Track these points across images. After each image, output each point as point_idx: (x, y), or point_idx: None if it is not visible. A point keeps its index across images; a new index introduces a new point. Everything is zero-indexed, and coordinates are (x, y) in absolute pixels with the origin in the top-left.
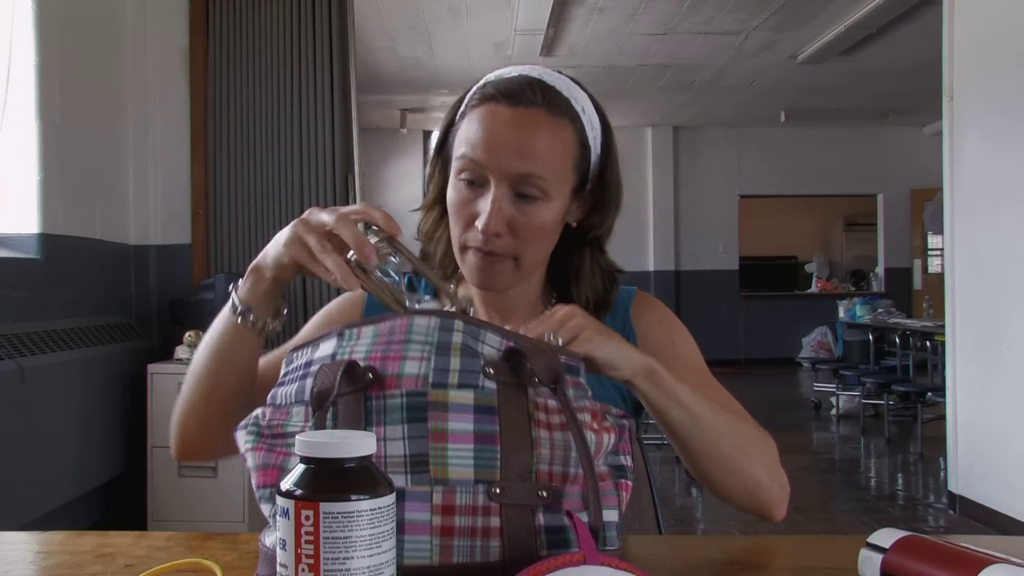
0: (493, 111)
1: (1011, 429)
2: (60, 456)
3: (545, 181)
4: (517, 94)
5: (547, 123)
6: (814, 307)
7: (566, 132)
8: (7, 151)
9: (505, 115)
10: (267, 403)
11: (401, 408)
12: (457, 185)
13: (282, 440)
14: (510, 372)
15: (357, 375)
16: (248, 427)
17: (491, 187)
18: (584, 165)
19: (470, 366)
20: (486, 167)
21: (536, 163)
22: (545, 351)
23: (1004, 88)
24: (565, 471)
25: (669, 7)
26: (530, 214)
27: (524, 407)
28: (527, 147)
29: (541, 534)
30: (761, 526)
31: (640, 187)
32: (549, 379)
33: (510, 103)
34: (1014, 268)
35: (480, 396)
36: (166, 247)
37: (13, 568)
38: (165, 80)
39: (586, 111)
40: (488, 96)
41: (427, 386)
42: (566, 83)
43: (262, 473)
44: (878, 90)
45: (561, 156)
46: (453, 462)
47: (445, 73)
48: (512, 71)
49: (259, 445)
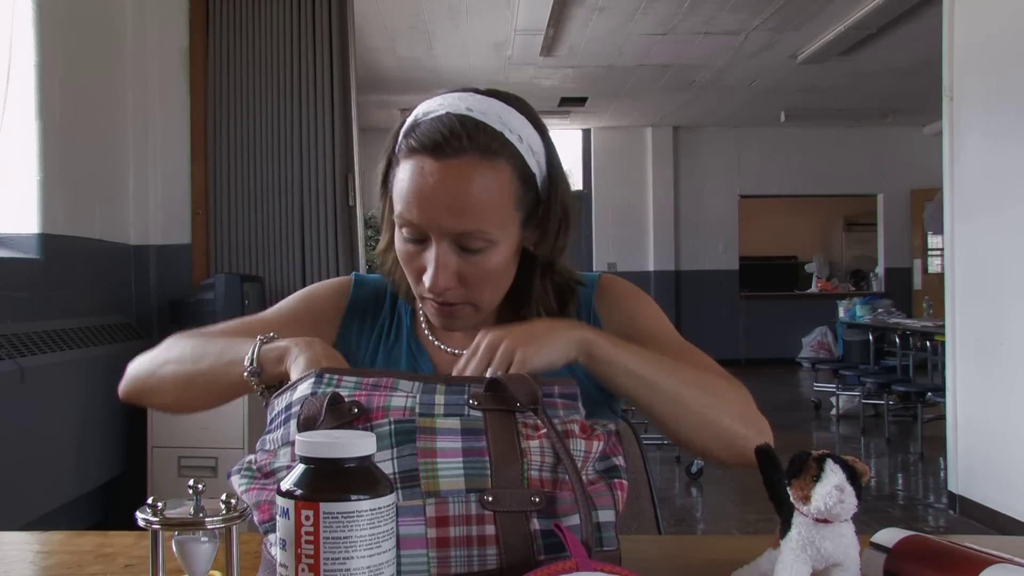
0: (421, 166)
1: (1011, 429)
2: (60, 456)
3: (486, 231)
4: (442, 145)
5: (480, 170)
6: (814, 307)
7: (502, 173)
8: (7, 151)
9: (433, 170)
10: (257, 449)
11: (389, 434)
12: (401, 236)
13: (272, 477)
14: (494, 401)
15: (342, 410)
16: (242, 472)
17: (432, 244)
18: (529, 195)
19: (455, 401)
20: (423, 227)
21: (473, 217)
22: (524, 378)
23: (1004, 88)
24: (556, 477)
25: (669, 7)
26: (478, 263)
27: (511, 426)
28: (461, 203)
29: (537, 539)
30: (761, 526)
31: (640, 187)
32: (529, 402)
33: (436, 156)
34: (1014, 268)
35: (466, 422)
36: (166, 247)
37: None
38: (165, 80)
39: (523, 137)
40: (413, 148)
41: (414, 416)
42: (497, 110)
43: (259, 510)
44: (878, 90)
45: (499, 201)
46: (443, 474)
47: (445, 73)
48: (439, 107)
49: (253, 486)
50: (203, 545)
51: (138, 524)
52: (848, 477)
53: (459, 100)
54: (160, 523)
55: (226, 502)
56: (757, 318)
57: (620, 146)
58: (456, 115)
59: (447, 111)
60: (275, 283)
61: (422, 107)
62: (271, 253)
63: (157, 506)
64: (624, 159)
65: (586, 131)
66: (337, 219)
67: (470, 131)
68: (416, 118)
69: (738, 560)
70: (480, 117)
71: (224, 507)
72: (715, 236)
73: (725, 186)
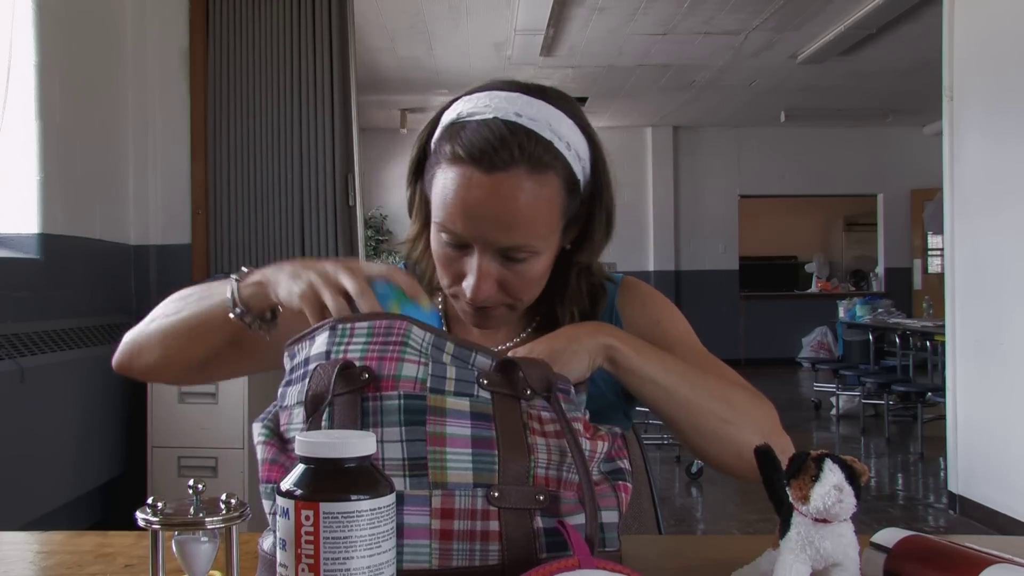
0: (468, 178)
1: (1011, 429)
2: (60, 456)
3: (533, 245)
4: (492, 157)
5: (529, 184)
6: (814, 307)
7: (551, 186)
8: (7, 151)
9: (481, 183)
10: (277, 402)
11: (399, 410)
12: (439, 239)
13: (287, 443)
14: (504, 383)
15: (353, 375)
16: (265, 421)
17: (475, 252)
18: (575, 203)
19: (465, 376)
20: (467, 238)
21: (522, 232)
22: (538, 363)
23: (1004, 88)
24: (561, 476)
25: (669, 7)
26: (520, 272)
27: (519, 416)
28: (508, 219)
29: (540, 537)
30: (761, 526)
31: (640, 187)
32: (542, 388)
33: (485, 169)
34: (1014, 268)
35: (476, 404)
36: (166, 247)
37: (13, 568)
38: (165, 80)
39: (571, 144)
40: (459, 157)
41: (425, 390)
42: (546, 116)
43: (269, 467)
44: (878, 90)
45: (548, 214)
46: (452, 466)
47: (445, 73)
48: (485, 109)
49: (271, 441)
50: (203, 545)
51: (138, 524)
52: (847, 477)
53: (507, 103)
54: (160, 523)
55: (226, 502)
56: (757, 318)
57: (620, 146)
58: (505, 121)
59: (494, 115)
60: None
61: (466, 104)
62: (271, 253)
63: (157, 506)
64: (624, 159)
65: None
66: (337, 219)
67: (521, 142)
68: (460, 116)
69: (738, 560)
70: (530, 125)
71: (224, 507)
72: (715, 236)
73: (725, 186)
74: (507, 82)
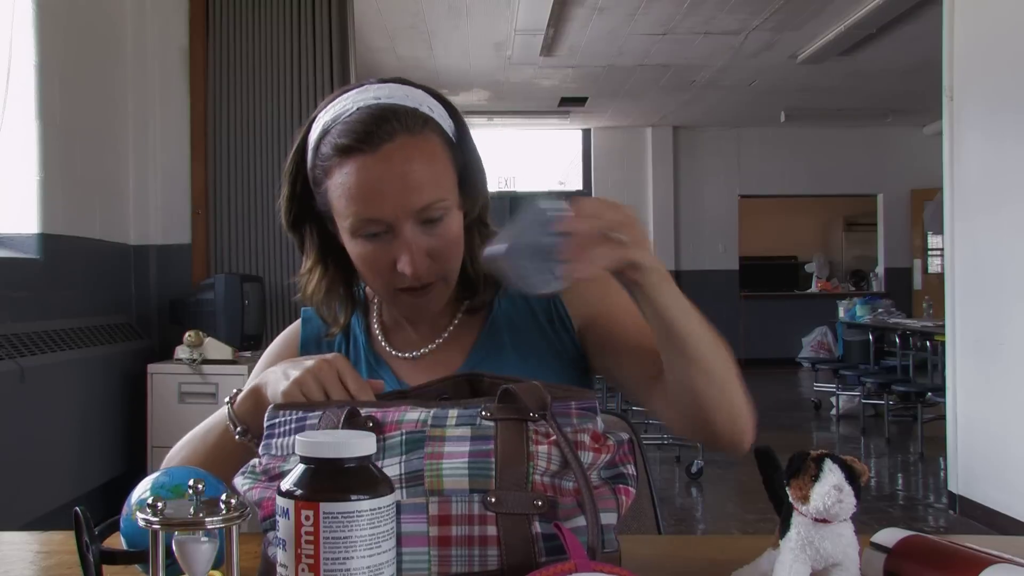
0: (361, 163)
1: (1011, 429)
2: (60, 456)
3: (443, 197)
4: (374, 134)
5: (415, 145)
6: (814, 307)
7: (432, 142)
8: (7, 151)
9: (376, 161)
10: (260, 453)
11: (400, 444)
12: (358, 242)
13: (279, 480)
14: (506, 411)
15: (358, 423)
16: (246, 474)
17: (397, 231)
18: (457, 156)
19: (468, 412)
20: (386, 218)
21: (428, 188)
22: (535, 387)
23: (1004, 88)
24: (560, 483)
25: (669, 7)
26: (441, 234)
27: (521, 432)
28: (413, 180)
29: (539, 542)
30: (761, 526)
31: (640, 187)
32: (538, 408)
33: (373, 147)
34: (1014, 268)
35: (477, 430)
36: (166, 247)
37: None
38: (165, 80)
39: (433, 108)
40: (344, 149)
41: (426, 427)
42: (400, 92)
43: (261, 507)
44: (878, 90)
45: (442, 165)
46: (448, 473)
47: (445, 73)
48: (349, 105)
49: (256, 485)
50: (203, 545)
51: (138, 524)
52: (847, 477)
53: (363, 94)
54: (160, 523)
55: (226, 502)
56: (757, 318)
57: (620, 146)
58: (370, 106)
59: (357, 106)
60: (275, 283)
61: (326, 116)
62: (271, 253)
63: (157, 506)
64: (624, 159)
65: (586, 131)
66: None
67: (392, 114)
68: (326, 125)
69: (738, 560)
70: (390, 101)
71: (224, 507)
72: (715, 236)
73: (725, 186)
74: (344, 89)
